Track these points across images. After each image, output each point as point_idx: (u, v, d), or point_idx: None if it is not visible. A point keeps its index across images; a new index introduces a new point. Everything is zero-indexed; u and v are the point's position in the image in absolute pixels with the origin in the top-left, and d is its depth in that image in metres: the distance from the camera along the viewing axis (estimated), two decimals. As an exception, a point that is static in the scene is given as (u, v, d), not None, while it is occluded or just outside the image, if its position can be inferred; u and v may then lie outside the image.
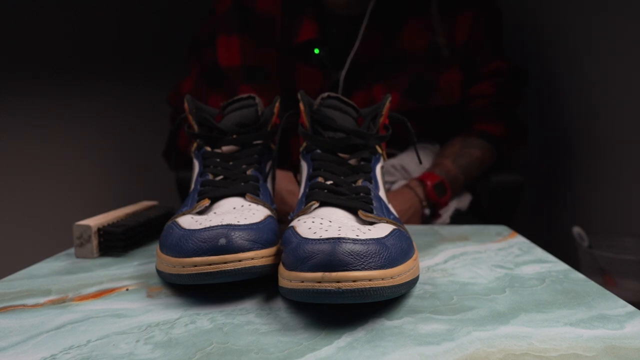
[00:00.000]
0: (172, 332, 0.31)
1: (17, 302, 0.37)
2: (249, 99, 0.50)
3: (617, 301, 0.36)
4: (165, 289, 0.39)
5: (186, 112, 0.50)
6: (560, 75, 1.06)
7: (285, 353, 0.28)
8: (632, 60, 0.85)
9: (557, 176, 1.09)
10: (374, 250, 0.31)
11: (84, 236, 0.48)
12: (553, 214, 1.10)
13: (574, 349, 0.28)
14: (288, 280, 0.32)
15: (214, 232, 0.35)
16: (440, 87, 0.82)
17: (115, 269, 0.45)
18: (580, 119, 1.00)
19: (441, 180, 0.77)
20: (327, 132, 0.44)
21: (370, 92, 0.82)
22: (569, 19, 1.03)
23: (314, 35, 0.81)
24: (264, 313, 0.34)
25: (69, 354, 0.29)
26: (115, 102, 1.44)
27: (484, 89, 0.86)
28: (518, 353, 0.28)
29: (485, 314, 0.34)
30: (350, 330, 0.31)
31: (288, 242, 0.34)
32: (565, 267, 0.44)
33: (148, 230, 0.54)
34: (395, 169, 0.85)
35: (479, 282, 0.40)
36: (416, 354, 0.28)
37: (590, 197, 0.97)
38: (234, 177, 0.45)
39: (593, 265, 0.84)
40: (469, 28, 0.83)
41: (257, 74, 0.84)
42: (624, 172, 0.88)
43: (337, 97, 0.46)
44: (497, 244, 0.53)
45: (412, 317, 0.33)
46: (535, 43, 1.14)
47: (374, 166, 0.44)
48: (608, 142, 0.92)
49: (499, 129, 0.86)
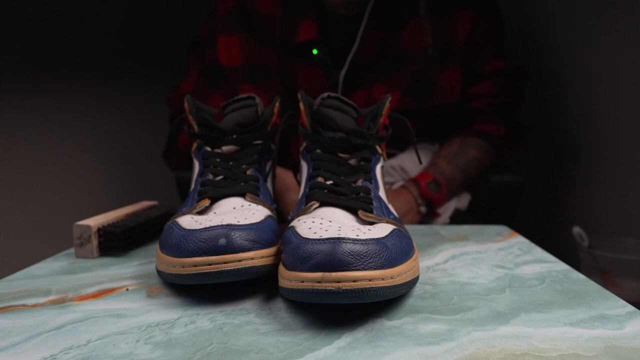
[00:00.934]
0: (172, 332, 0.31)
1: (18, 302, 0.37)
2: (249, 99, 0.50)
3: (617, 301, 0.36)
4: (165, 289, 0.39)
5: (186, 112, 0.50)
6: (560, 75, 1.06)
7: (285, 353, 0.28)
8: (632, 60, 0.85)
9: (557, 176, 1.09)
10: (374, 250, 0.31)
11: (84, 236, 0.48)
12: (553, 214, 1.10)
13: (574, 349, 0.28)
14: (288, 280, 0.32)
15: (214, 232, 0.35)
16: (441, 86, 0.82)
17: (115, 269, 0.45)
18: (580, 118, 1.00)
19: (434, 178, 0.78)
20: (327, 132, 0.44)
21: (370, 91, 0.82)
22: (568, 19, 1.03)
23: (314, 35, 0.81)
24: (264, 313, 0.34)
25: (69, 353, 0.29)
26: (115, 101, 1.44)
27: (485, 88, 0.86)
28: (518, 353, 0.28)
29: (485, 314, 0.34)
30: (350, 331, 0.31)
31: (288, 242, 0.34)
32: (565, 267, 0.44)
33: (148, 230, 0.54)
34: (394, 170, 0.85)
35: (479, 282, 0.40)
36: (416, 354, 0.28)
37: (590, 197, 0.97)
38: (233, 177, 0.45)
39: (593, 265, 0.84)
40: (469, 28, 0.83)
41: (258, 73, 0.84)
42: (624, 172, 0.88)
43: (337, 97, 0.46)
44: (497, 244, 0.53)
45: (412, 317, 0.33)
46: (534, 43, 1.14)
47: (374, 166, 0.44)
48: (608, 142, 0.92)
49: (498, 129, 0.86)
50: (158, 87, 1.37)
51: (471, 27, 0.83)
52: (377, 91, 0.82)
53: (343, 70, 0.82)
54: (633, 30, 0.85)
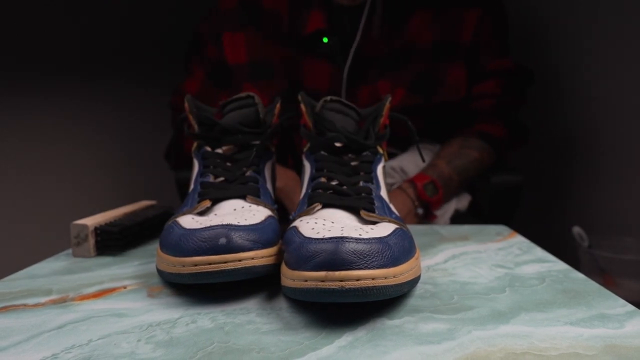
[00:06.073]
0: (173, 331, 0.31)
1: (18, 301, 0.37)
2: (248, 99, 0.50)
3: (617, 300, 0.36)
4: (165, 289, 0.39)
5: (186, 112, 0.50)
6: (560, 76, 1.06)
7: (286, 352, 0.28)
8: (632, 60, 0.85)
9: (557, 176, 1.09)
10: (376, 249, 0.31)
11: (81, 235, 0.48)
12: (553, 214, 1.10)
13: (574, 348, 0.28)
14: (291, 280, 0.32)
15: (215, 231, 0.35)
16: (447, 83, 0.82)
17: (115, 269, 0.45)
18: (580, 119, 1.00)
19: (431, 180, 0.77)
20: (330, 133, 0.45)
21: (375, 87, 0.82)
22: (568, 20, 1.03)
23: (323, 25, 0.80)
24: (265, 312, 0.34)
25: (71, 353, 0.29)
26: (114, 101, 1.43)
27: (490, 88, 0.85)
28: (519, 352, 0.28)
29: (485, 313, 0.34)
30: (351, 330, 0.31)
31: (291, 242, 0.34)
32: (565, 267, 0.44)
33: (146, 229, 0.54)
34: (394, 171, 0.85)
35: (479, 281, 0.40)
36: (417, 353, 0.28)
37: (590, 197, 0.97)
38: (233, 179, 0.45)
39: (593, 265, 0.84)
40: (475, 26, 0.83)
41: (263, 70, 0.84)
42: (624, 172, 0.88)
43: (339, 101, 0.46)
44: (497, 244, 0.53)
45: (412, 317, 0.33)
46: (536, 43, 1.15)
47: (375, 167, 0.44)
48: (608, 142, 0.92)
49: (499, 129, 0.86)
50: (158, 87, 1.37)
51: (477, 25, 0.83)
52: (381, 87, 0.82)
53: (347, 64, 0.82)
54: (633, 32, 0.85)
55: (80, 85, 1.38)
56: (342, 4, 0.82)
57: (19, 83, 1.30)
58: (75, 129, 1.40)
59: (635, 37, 0.85)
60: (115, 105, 1.44)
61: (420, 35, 0.81)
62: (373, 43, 0.81)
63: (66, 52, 1.35)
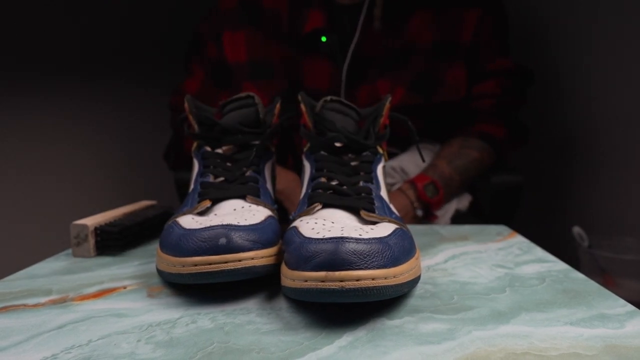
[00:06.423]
0: (173, 331, 0.31)
1: (18, 301, 0.37)
2: (248, 99, 0.50)
3: (617, 300, 0.36)
4: (165, 289, 0.39)
5: (186, 112, 0.50)
6: (560, 76, 1.06)
7: (286, 352, 0.28)
8: (632, 60, 0.85)
9: (557, 176, 1.09)
10: (376, 250, 0.31)
11: (81, 235, 0.48)
12: (553, 214, 1.10)
13: (575, 348, 0.28)
14: (291, 280, 0.32)
15: (214, 231, 0.35)
16: (447, 83, 0.82)
17: (115, 269, 0.45)
18: (581, 119, 1.00)
19: (432, 180, 0.77)
20: (330, 133, 0.45)
21: (374, 86, 0.82)
22: (569, 19, 1.03)
23: (322, 24, 0.80)
24: (265, 312, 0.34)
25: (70, 353, 0.29)
26: (114, 101, 1.43)
27: (490, 88, 0.85)
28: (519, 352, 0.28)
29: (485, 313, 0.34)
30: (351, 330, 0.31)
31: (291, 242, 0.34)
32: (565, 267, 0.44)
33: (146, 229, 0.54)
34: (394, 171, 0.85)
35: (479, 281, 0.40)
36: (417, 354, 0.28)
37: (590, 197, 0.97)
38: (233, 179, 0.45)
39: (593, 265, 0.84)
40: (475, 26, 0.82)
41: (263, 69, 0.84)
42: (624, 172, 0.88)
43: (339, 101, 0.46)
44: (497, 244, 0.53)
45: (412, 317, 0.33)
46: (536, 43, 1.15)
47: (375, 167, 0.44)
48: (608, 142, 0.92)
49: (499, 130, 0.86)
50: (158, 87, 1.37)
51: (477, 25, 0.83)
52: (381, 86, 0.81)
53: (346, 63, 0.82)
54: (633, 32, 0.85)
55: (80, 85, 1.38)
56: (343, 3, 0.82)
57: (19, 83, 1.30)
58: (75, 129, 1.40)
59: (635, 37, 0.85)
60: (115, 105, 1.44)
61: (420, 35, 0.81)
62: (372, 41, 0.81)
63: (66, 52, 1.35)
